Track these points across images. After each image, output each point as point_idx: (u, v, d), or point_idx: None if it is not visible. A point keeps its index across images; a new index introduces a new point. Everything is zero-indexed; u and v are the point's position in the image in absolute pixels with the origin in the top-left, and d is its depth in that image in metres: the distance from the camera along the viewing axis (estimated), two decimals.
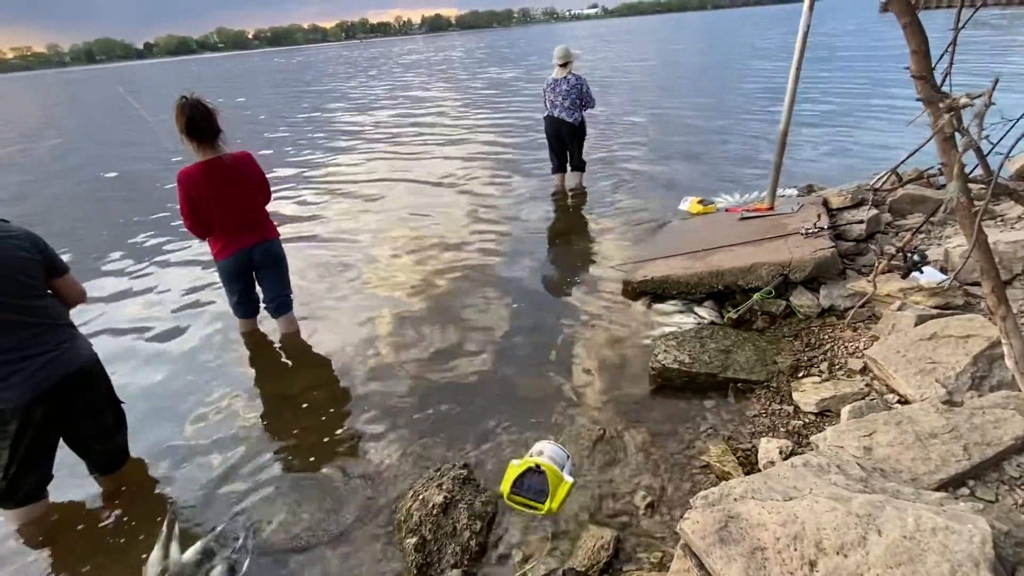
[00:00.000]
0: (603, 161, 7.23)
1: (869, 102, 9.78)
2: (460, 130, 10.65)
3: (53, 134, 16.05)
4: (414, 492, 2.08)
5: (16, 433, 2.00)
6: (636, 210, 5.38)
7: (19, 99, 35.30)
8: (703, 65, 19.53)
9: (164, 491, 2.41)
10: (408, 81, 23.10)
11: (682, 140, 8.20)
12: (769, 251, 3.35)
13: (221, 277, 3.22)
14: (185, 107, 2.74)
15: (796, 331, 2.96)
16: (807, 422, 2.30)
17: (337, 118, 13.99)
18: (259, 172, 3.08)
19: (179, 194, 2.88)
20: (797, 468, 1.61)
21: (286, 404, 2.94)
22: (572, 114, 5.61)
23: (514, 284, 4.05)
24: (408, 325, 3.57)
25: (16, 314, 1.98)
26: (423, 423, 2.65)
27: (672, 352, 2.77)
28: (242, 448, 2.61)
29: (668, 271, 3.48)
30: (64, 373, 2.07)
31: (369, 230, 5.45)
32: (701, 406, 2.55)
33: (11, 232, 2.04)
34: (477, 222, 5.41)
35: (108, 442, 2.36)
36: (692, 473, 2.18)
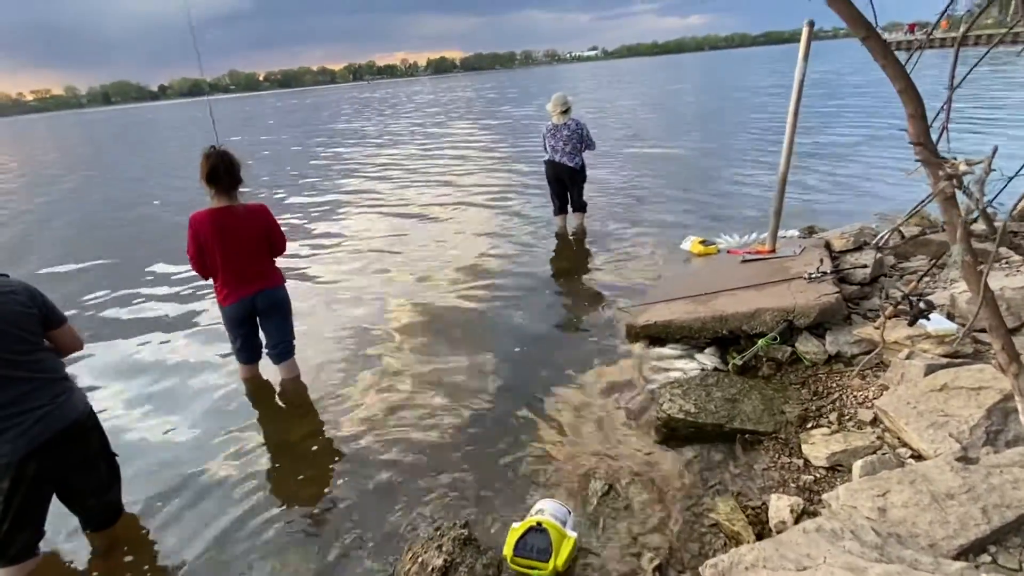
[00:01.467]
0: (604, 201, 7.30)
1: (870, 142, 9.93)
2: (460, 171, 10.82)
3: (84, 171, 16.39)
4: (413, 554, 2.00)
5: (9, 489, 1.96)
6: (638, 251, 5.40)
7: (52, 141, 36.18)
8: (702, 105, 19.98)
9: (158, 550, 2.33)
10: (423, 120, 23.63)
11: (682, 179, 8.30)
12: (772, 296, 3.33)
13: (224, 322, 3.22)
14: (211, 156, 2.89)
15: (803, 378, 2.91)
16: (818, 477, 2.23)
17: (354, 155, 14.27)
18: (270, 225, 3.12)
19: (188, 235, 2.96)
20: (810, 534, 1.55)
21: (285, 453, 2.89)
22: (573, 158, 5.71)
23: (516, 328, 4.02)
24: (408, 373, 3.53)
25: (12, 369, 1.97)
26: (422, 478, 2.58)
27: (678, 401, 2.72)
28: (238, 502, 2.54)
29: (671, 315, 3.45)
30: (59, 427, 2.04)
31: (373, 275, 5.47)
32: (709, 458, 2.49)
33: (10, 286, 2.04)
34: (478, 266, 5.42)
35: (101, 497, 2.31)
36: (701, 532, 2.11)
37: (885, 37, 1.56)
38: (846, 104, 15.54)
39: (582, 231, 6.10)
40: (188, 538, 2.36)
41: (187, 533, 2.39)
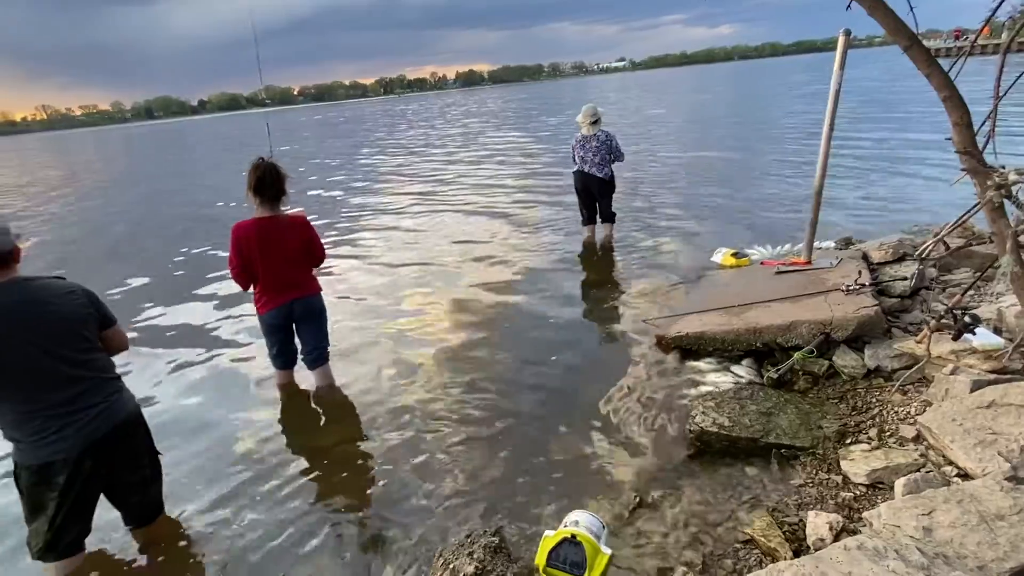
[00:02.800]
0: (633, 212, 7.27)
1: (909, 148, 9.67)
2: (492, 180, 10.91)
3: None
4: (444, 561, 2.02)
5: (65, 485, 2.05)
6: (668, 262, 5.36)
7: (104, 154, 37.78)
8: (733, 114, 19.76)
9: (195, 549, 2.40)
10: (463, 129, 23.97)
11: (714, 190, 8.21)
12: (809, 308, 3.27)
13: (262, 329, 3.31)
14: (259, 167, 2.99)
15: (841, 393, 2.84)
16: (858, 494, 2.17)
17: (382, 163, 14.55)
18: (309, 236, 3.20)
19: (231, 243, 3.04)
20: (851, 551, 1.51)
21: (319, 457, 2.94)
22: (602, 169, 5.71)
23: (545, 340, 4.03)
24: (440, 382, 3.56)
25: (74, 368, 2.07)
26: (453, 485, 2.60)
27: (711, 414, 2.68)
28: (273, 506, 2.60)
29: (703, 327, 3.41)
30: (112, 425, 2.14)
31: (405, 284, 5.55)
32: (743, 473, 2.44)
33: (72, 289, 2.15)
34: (507, 277, 5.45)
35: (145, 493, 2.39)
36: (735, 548, 2.07)
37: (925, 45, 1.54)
38: (885, 112, 15.17)
39: (610, 242, 6.08)
40: (224, 539, 2.43)
41: (223, 534, 2.45)
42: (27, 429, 1.98)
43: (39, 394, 1.99)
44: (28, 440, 1.99)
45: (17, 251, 1.99)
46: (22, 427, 1.98)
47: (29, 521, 2.12)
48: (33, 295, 2.00)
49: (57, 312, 2.04)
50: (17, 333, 1.94)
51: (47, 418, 2.00)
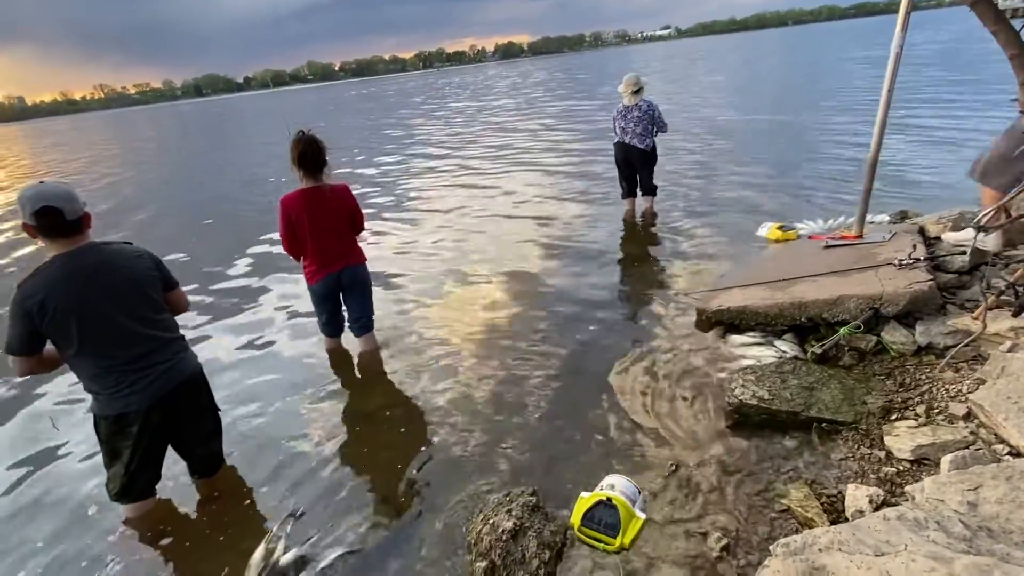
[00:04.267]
0: (675, 185, 7.12)
1: (974, 116, 9.05)
2: (534, 151, 10.84)
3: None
4: (484, 516, 2.11)
5: (137, 434, 2.24)
6: (710, 236, 5.25)
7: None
8: (784, 82, 18.84)
9: (251, 500, 2.58)
10: (505, 102, 23.80)
11: (760, 162, 7.93)
12: (858, 282, 3.17)
13: (312, 299, 3.46)
14: (301, 141, 3.07)
15: (888, 370, 2.77)
16: (901, 470, 2.14)
17: (439, 135, 14.66)
18: (352, 204, 3.30)
19: (280, 216, 3.16)
20: (890, 521, 1.51)
21: (364, 420, 3.09)
22: (644, 140, 5.60)
23: (583, 312, 4.05)
24: (479, 349, 3.65)
25: (145, 327, 2.23)
26: (492, 447, 2.70)
27: (750, 387, 2.67)
28: (322, 464, 2.76)
29: (745, 301, 3.36)
30: (179, 380, 2.31)
31: (446, 254, 5.65)
32: (782, 446, 2.44)
33: (140, 253, 2.31)
34: (547, 248, 5.47)
35: (207, 446, 2.58)
36: (771, 517, 2.08)
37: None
38: (947, 76, 14.18)
39: (651, 215, 5.99)
40: (276, 492, 2.60)
41: (276, 488, 2.63)
42: (105, 383, 2.16)
43: (115, 351, 2.16)
44: (105, 393, 2.17)
45: (87, 217, 2.14)
46: (100, 381, 2.17)
47: (108, 466, 2.33)
48: (107, 258, 2.16)
49: (129, 274, 2.20)
50: (96, 294, 2.11)
51: (122, 373, 2.17)
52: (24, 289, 2.02)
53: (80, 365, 2.16)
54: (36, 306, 2.00)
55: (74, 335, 2.08)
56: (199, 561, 2.27)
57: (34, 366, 2.15)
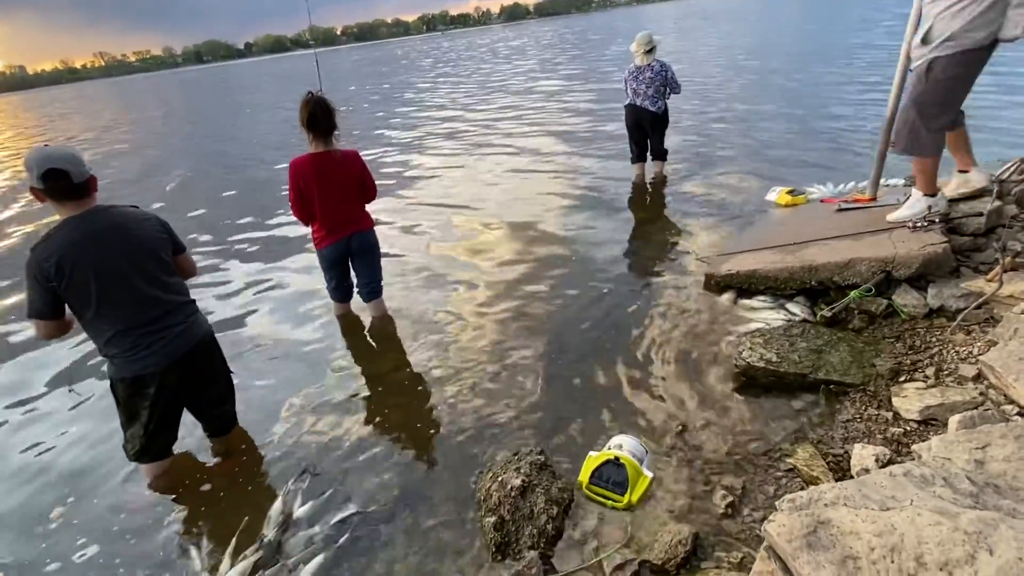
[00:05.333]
0: (685, 149, 6.99)
1: (992, 78, 8.75)
2: (542, 116, 10.64)
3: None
4: (493, 474, 2.16)
5: (155, 395, 2.28)
6: (720, 200, 5.18)
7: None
8: (799, 44, 18.24)
9: (264, 457, 2.65)
10: (518, 65, 23.29)
11: (771, 126, 7.74)
12: (870, 245, 3.12)
13: (321, 264, 3.46)
14: (310, 102, 3.00)
15: (898, 332, 2.75)
16: (908, 430, 2.15)
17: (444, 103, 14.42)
18: (362, 170, 3.25)
19: (289, 180, 3.12)
20: (897, 477, 1.52)
21: (375, 382, 3.13)
22: (656, 102, 5.46)
23: (592, 275, 4.04)
24: (488, 314, 3.67)
25: (159, 290, 2.25)
26: (501, 408, 2.73)
27: (758, 350, 2.67)
28: (334, 421, 2.82)
29: (755, 265, 3.33)
30: (193, 343, 2.34)
31: (452, 218, 5.62)
32: (788, 407, 2.45)
33: (147, 216, 2.30)
34: (556, 213, 5.42)
35: (221, 407, 2.63)
36: (776, 476, 2.11)
37: None
38: None
39: (661, 180, 5.90)
40: (289, 451, 2.66)
41: (288, 447, 2.69)
42: (122, 345, 2.19)
43: (132, 313, 2.18)
44: (123, 356, 2.20)
45: (94, 180, 2.13)
46: (117, 343, 2.19)
47: (125, 428, 2.38)
48: (116, 221, 2.16)
49: (140, 237, 2.20)
50: (111, 255, 2.11)
51: (139, 335, 2.20)
52: (38, 252, 2.03)
53: (97, 328, 2.18)
54: (53, 268, 2.01)
55: (93, 296, 2.09)
56: (218, 515, 2.34)
57: (56, 329, 2.16)
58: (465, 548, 2.02)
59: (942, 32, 2.73)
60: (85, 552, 2.26)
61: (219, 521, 2.31)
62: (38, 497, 2.60)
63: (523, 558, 1.88)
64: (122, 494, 2.53)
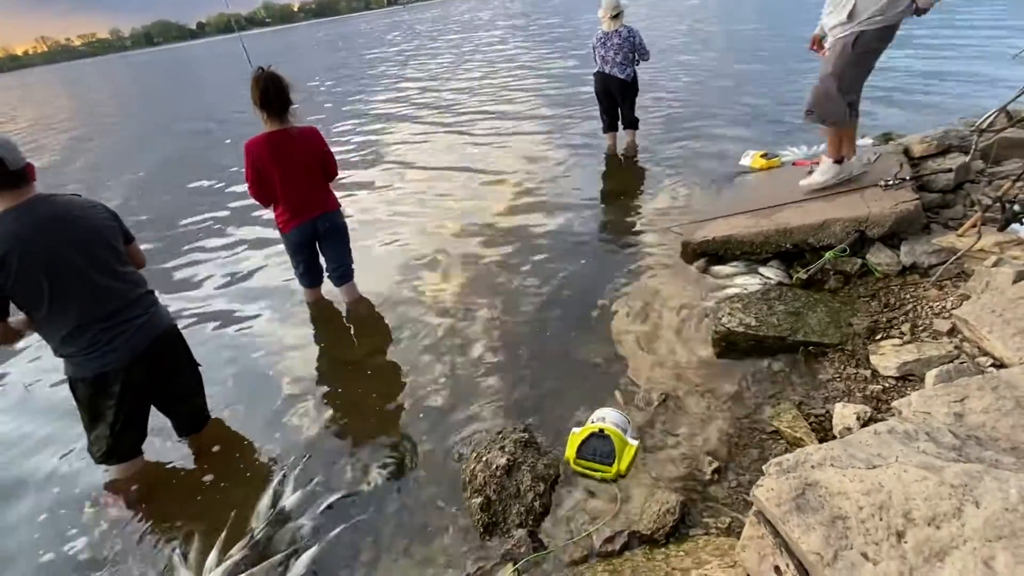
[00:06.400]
0: (657, 117, 6.93)
1: (951, 40, 8.86)
2: (509, 86, 10.43)
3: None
4: (477, 454, 2.12)
5: (120, 393, 2.16)
6: (693, 167, 5.15)
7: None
8: (768, 6, 18.18)
9: (241, 453, 2.56)
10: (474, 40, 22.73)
11: (744, 88, 7.73)
12: (843, 206, 3.13)
13: (287, 248, 3.32)
14: (260, 79, 2.81)
15: (873, 291, 2.78)
16: (887, 387, 2.17)
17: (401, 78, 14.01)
18: (323, 147, 3.11)
19: (245, 162, 2.95)
20: (881, 435, 1.52)
21: (350, 369, 3.05)
22: (624, 69, 5.36)
23: (567, 248, 3.98)
24: (462, 294, 3.59)
25: (113, 280, 2.12)
26: (480, 389, 2.68)
27: (737, 315, 2.66)
28: (314, 410, 2.74)
29: (730, 230, 3.32)
30: (155, 335, 2.22)
31: (419, 194, 5.50)
32: (769, 371, 2.46)
33: (93, 204, 2.15)
34: (525, 185, 5.33)
35: (190, 401, 2.52)
36: (761, 439, 2.12)
37: None
38: None
39: (633, 149, 5.83)
40: (267, 442, 2.58)
41: (266, 439, 2.60)
42: (81, 342, 2.06)
43: (88, 307, 2.05)
44: (83, 353, 2.07)
45: (31, 168, 1.98)
46: (76, 341, 2.06)
47: (90, 430, 2.26)
48: (61, 210, 2.01)
49: (89, 225, 2.06)
50: (60, 246, 1.97)
51: (98, 331, 2.07)
52: None
53: (51, 326, 2.05)
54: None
55: (44, 292, 1.96)
56: (201, 513, 2.25)
57: (5, 333, 2.03)
58: (453, 530, 1.98)
59: (866, 7, 2.85)
60: (63, 550, 2.17)
61: (205, 517, 2.22)
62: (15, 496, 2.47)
63: (512, 537, 1.86)
64: (88, 499, 2.42)
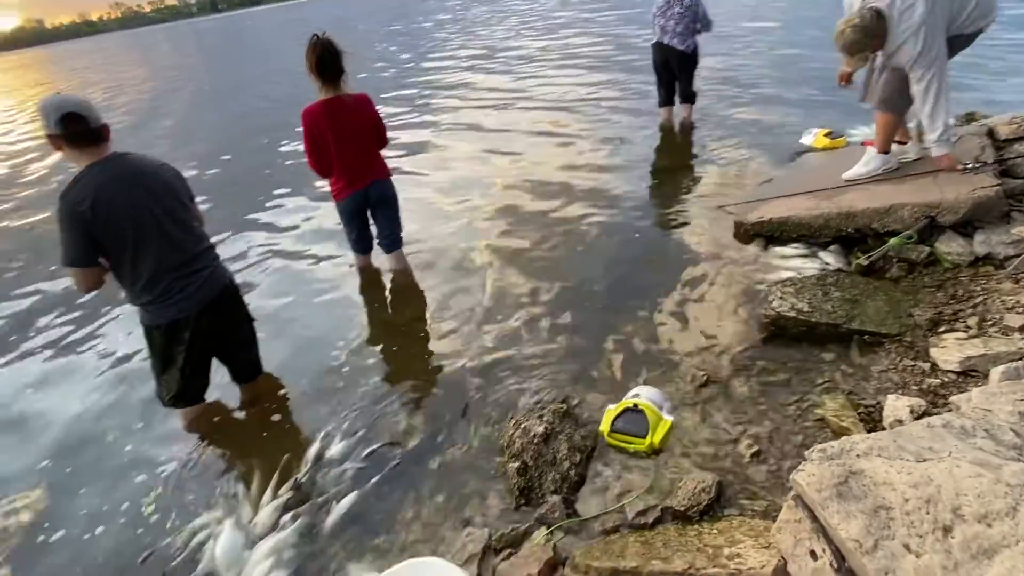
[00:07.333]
0: (716, 91, 6.64)
1: None
2: (563, 58, 10.21)
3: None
4: (515, 421, 2.17)
5: (190, 340, 2.31)
6: (752, 145, 4.94)
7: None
8: None
9: (290, 403, 2.71)
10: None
11: (810, 62, 7.29)
12: (914, 190, 2.95)
13: (341, 216, 3.40)
14: (317, 46, 2.86)
15: (940, 281, 2.63)
16: (946, 382, 2.07)
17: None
18: (375, 114, 3.15)
19: (303, 131, 3.02)
20: (935, 428, 1.47)
21: (395, 332, 3.16)
22: (684, 40, 5.14)
23: (619, 223, 3.93)
24: (509, 265, 3.61)
25: (187, 233, 2.26)
26: (523, 359, 2.72)
27: (789, 299, 2.58)
28: (360, 369, 2.86)
29: (788, 211, 3.19)
30: (220, 287, 2.37)
31: (471, 169, 5.50)
32: (819, 358, 2.38)
33: (162, 162, 2.28)
34: (580, 158, 5.26)
35: (248, 352, 2.67)
36: (804, 426, 2.07)
37: None
38: None
39: (690, 125, 5.63)
40: (316, 395, 2.72)
41: (315, 392, 2.74)
42: (154, 291, 2.20)
43: (164, 257, 2.18)
44: (157, 302, 2.22)
45: (107, 128, 2.10)
46: (151, 290, 2.20)
47: (160, 374, 2.43)
48: (137, 166, 2.14)
49: (161, 180, 2.19)
50: (140, 199, 2.10)
51: (171, 281, 2.21)
52: (71, 196, 2.00)
53: (131, 274, 2.17)
54: (88, 211, 1.99)
55: (128, 240, 2.09)
56: (256, 455, 2.41)
57: (95, 279, 2.15)
58: (489, 491, 2.05)
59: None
60: (127, 481, 2.39)
61: (256, 461, 2.37)
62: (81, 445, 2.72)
63: (546, 502, 1.91)
64: (158, 440, 2.63)
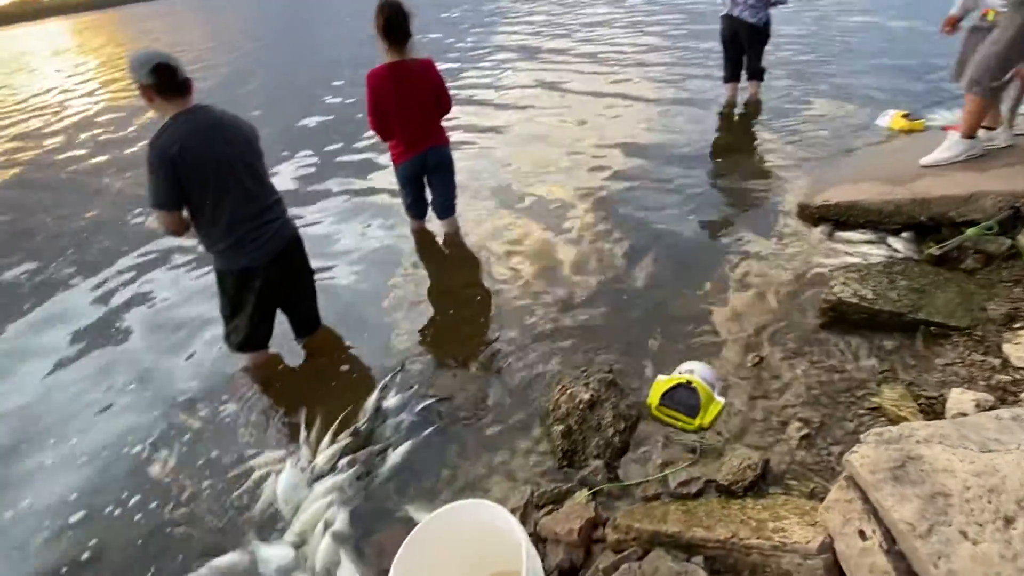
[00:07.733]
0: (785, 67, 6.33)
1: None
2: (627, 30, 9.92)
3: None
4: (562, 387, 2.21)
5: (260, 287, 2.44)
6: (821, 126, 4.72)
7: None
8: None
9: (346, 358, 2.84)
10: None
11: (889, 40, 6.84)
12: (999, 177, 2.77)
13: (399, 180, 3.47)
14: (385, 7, 2.88)
15: (1019, 276, 2.48)
16: (1017, 379, 1.98)
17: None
18: (438, 80, 3.16)
19: (367, 93, 3.07)
20: (1004, 420, 1.42)
21: (448, 295, 3.23)
22: (756, 13, 4.89)
23: (677, 199, 3.87)
24: (563, 235, 3.62)
25: (258, 185, 2.37)
26: (571, 328, 2.75)
27: (852, 285, 2.49)
28: (412, 328, 2.96)
29: (857, 196, 3.06)
30: (289, 238, 2.49)
31: (527, 138, 5.48)
32: (879, 346, 2.31)
33: (240, 118, 2.38)
34: (640, 135, 5.15)
35: (309, 303, 2.80)
36: (858, 413, 2.03)
37: None
38: None
39: (756, 103, 5.41)
40: (373, 351, 2.84)
41: (369, 351, 2.86)
42: (230, 238, 2.33)
43: (240, 205, 2.30)
44: (233, 249, 2.35)
45: (191, 82, 2.21)
46: (227, 236, 2.32)
47: (229, 319, 2.58)
48: (218, 118, 2.26)
49: (240, 133, 2.31)
50: (222, 149, 2.22)
51: (246, 229, 2.34)
52: (160, 143, 2.12)
53: (210, 220, 2.28)
54: (176, 155, 2.11)
55: (210, 185, 2.20)
56: (317, 402, 2.54)
57: (178, 223, 2.27)
58: (533, 452, 2.12)
59: None
60: (196, 419, 2.58)
61: (317, 408, 2.49)
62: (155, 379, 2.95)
63: (589, 465, 1.96)
64: (226, 379, 2.81)
